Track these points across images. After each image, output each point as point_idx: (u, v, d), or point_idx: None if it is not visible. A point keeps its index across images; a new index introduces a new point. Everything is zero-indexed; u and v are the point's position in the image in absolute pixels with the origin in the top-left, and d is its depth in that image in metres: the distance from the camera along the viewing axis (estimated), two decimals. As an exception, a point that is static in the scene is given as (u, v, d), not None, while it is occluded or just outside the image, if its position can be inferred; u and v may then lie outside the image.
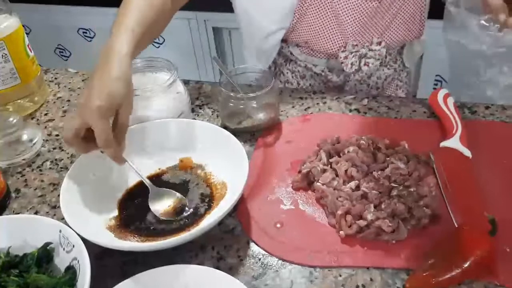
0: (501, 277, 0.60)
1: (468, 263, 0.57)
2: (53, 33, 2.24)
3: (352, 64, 0.97)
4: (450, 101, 0.85)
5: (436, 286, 0.57)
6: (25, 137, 0.88)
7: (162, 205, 0.71)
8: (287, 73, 1.08)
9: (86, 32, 2.21)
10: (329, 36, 0.96)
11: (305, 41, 0.98)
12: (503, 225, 0.64)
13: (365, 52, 0.97)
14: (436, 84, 1.82)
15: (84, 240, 0.61)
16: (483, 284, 0.59)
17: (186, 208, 0.71)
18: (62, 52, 2.35)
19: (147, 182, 0.73)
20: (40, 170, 0.84)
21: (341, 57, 0.97)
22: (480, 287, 0.59)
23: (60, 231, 0.63)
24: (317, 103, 0.93)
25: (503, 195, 0.70)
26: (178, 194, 0.73)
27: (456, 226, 0.65)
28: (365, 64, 0.98)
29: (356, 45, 0.96)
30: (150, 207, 0.71)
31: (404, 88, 1.11)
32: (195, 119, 0.92)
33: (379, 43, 0.97)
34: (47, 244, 0.63)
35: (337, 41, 0.96)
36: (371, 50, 0.97)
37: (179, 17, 1.95)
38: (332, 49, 0.97)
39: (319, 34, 0.96)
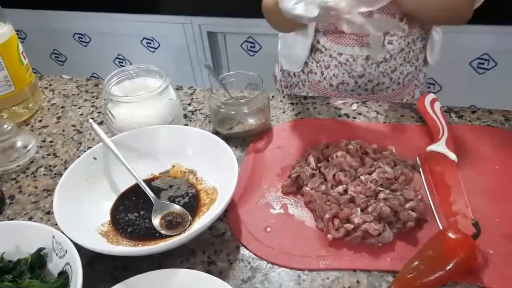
0: (485, 279, 0.61)
1: (451, 265, 0.59)
2: (49, 38, 2.26)
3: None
4: (437, 105, 0.86)
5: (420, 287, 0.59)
6: (19, 143, 0.89)
7: (163, 219, 0.72)
8: (312, 63, 1.09)
9: (81, 37, 2.22)
10: None
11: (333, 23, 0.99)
12: (487, 228, 0.65)
13: (388, 28, 0.98)
14: (429, 87, 1.84)
15: (77, 246, 0.62)
16: (466, 286, 0.61)
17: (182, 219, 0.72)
18: (57, 57, 2.36)
19: (152, 196, 0.74)
20: (34, 177, 0.85)
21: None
22: (464, 289, 0.61)
23: (53, 236, 0.64)
24: (307, 108, 0.95)
25: (488, 199, 0.71)
26: (180, 208, 0.73)
27: (441, 229, 0.67)
28: (389, 43, 0.99)
29: (379, 19, 0.95)
30: (153, 221, 0.71)
31: (420, 89, 1.14)
32: (187, 124, 0.93)
33: (401, 19, 0.97)
34: (41, 249, 0.65)
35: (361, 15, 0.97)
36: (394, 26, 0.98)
37: (174, 22, 1.98)
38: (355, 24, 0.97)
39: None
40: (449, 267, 0.59)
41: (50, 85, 1.11)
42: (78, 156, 0.78)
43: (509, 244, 0.65)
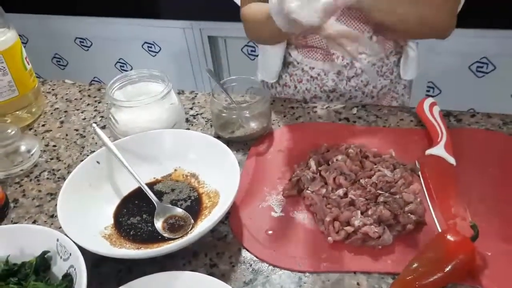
0: (483, 281, 0.62)
1: (449, 267, 0.60)
2: (51, 42, 2.27)
3: (343, 56, 0.99)
4: (436, 110, 0.87)
5: None
6: (23, 148, 0.90)
7: (166, 222, 0.73)
8: (285, 76, 1.10)
9: (83, 41, 2.24)
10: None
11: (300, 35, 1.00)
12: (485, 230, 0.66)
13: None
14: (428, 91, 1.85)
15: (81, 249, 0.63)
16: None
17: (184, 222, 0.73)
18: (59, 61, 2.37)
19: (154, 200, 0.75)
20: (38, 180, 0.86)
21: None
22: (462, 291, 0.61)
23: (58, 240, 0.65)
24: (308, 112, 0.96)
25: (486, 201, 0.72)
26: (182, 212, 0.74)
27: (440, 231, 0.68)
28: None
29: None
30: (155, 224, 0.72)
31: (400, 100, 1.13)
32: (189, 129, 0.94)
33: (371, 38, 0.98)
34: (45, 252, 0.65)
35: None
36: None
37: (175, 26, 1.99)
38: (323, 40, 0.97)
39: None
40: (448, 269, 0.59)
41: (53, 89, 1.12)
42: (81, 160, 0.79)
43: (507, 247, 0.66)
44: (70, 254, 0.63)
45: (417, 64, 1.07)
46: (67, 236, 0.64)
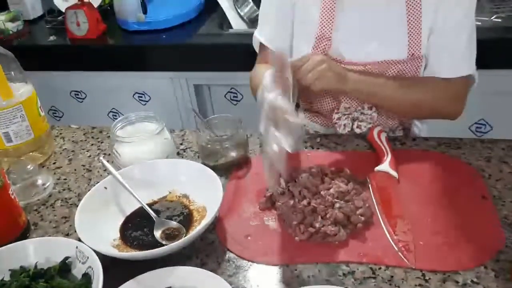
0: (417, 263, 0.78)
1: None
2: (48, 96, 2.44)
3: (344, 125, 1.11)
4: (383, 135, 1.06)
5: None
6: (39, 181, 1.06)
7: (163, 233, 0.89)
8: None
9: (77, 94, 2.41)
10: (323, 96, 1.11)
11: (307, 101, 1.14)
12: (420, 226, 0.84)
13: (357, 116, 1.10)
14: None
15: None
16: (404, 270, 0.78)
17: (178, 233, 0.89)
18: (55, 113, 2.54)
19: (153, 215, 0.91)
20: (53, 207, 1.02)
21: (334, 118, 1.12)
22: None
23: (77, 247, 0.80)
24: (280, 143, 1.13)
25: (422, 205, 0.90)
26: (177, 224, 0.90)
27: (385, 229, 0.85)
28: (357, 127, 1.10)
29: (349, 107, 1.09)
30: (155, 234, 0.88)
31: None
32: (180, 160, 1.11)
33: (370, 108, 1.09)
34: (66, 258, 0.81)
35: (331, 103, 1.11)
36: (363, 114, 1.10)
37: (163, 77, 2.18)
38: (326, 109, 1.12)
39: (316, 95, 1.10)
40: None
41: (60, 133, 1.29)
42: (89, 190, 0.95)
43: (435, 238, 0.83)
44: (88, 258, 0.79)
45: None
46: (85, 243, 0.80)
